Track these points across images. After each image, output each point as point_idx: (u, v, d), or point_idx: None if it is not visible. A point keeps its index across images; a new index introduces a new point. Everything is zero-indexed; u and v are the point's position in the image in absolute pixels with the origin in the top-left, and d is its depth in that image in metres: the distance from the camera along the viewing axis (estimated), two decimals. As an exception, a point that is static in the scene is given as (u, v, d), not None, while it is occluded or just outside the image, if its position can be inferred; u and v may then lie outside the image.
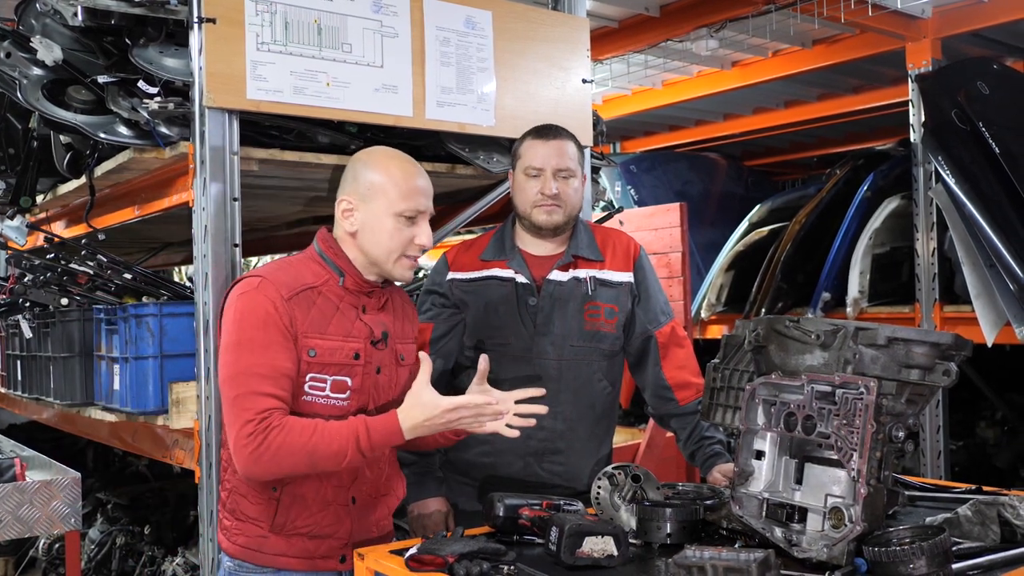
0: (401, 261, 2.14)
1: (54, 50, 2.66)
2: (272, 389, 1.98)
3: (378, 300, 2.20)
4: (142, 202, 2.98)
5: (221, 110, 2.46)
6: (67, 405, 3.16)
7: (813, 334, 1.92)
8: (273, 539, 2.11)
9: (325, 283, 2.12)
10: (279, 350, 2.00)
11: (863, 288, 4.59)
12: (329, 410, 2.07)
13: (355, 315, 2.14)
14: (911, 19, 4.48)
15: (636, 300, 2.68)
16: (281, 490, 2.09)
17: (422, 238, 2.13)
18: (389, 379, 2.18)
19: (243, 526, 2.13)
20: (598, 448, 2.68)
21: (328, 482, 2.10)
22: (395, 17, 2.72)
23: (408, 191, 2.12)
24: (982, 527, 1.97)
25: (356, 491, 2.15)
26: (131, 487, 4.45)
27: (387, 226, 2.11)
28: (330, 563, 2.14)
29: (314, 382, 2.05)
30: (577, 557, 1.85)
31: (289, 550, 2.11)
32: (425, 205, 2.14)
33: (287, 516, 2.10)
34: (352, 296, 2.15)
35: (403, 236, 2.11)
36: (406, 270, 2.16)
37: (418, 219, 2.13)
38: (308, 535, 2.11)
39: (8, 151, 3.40)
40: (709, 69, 5.54)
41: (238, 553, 2.14)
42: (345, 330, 2.11)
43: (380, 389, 2.16)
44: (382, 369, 2.16)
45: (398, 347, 2.22)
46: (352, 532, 2.16)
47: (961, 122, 4.20)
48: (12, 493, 2.55)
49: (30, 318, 3.23)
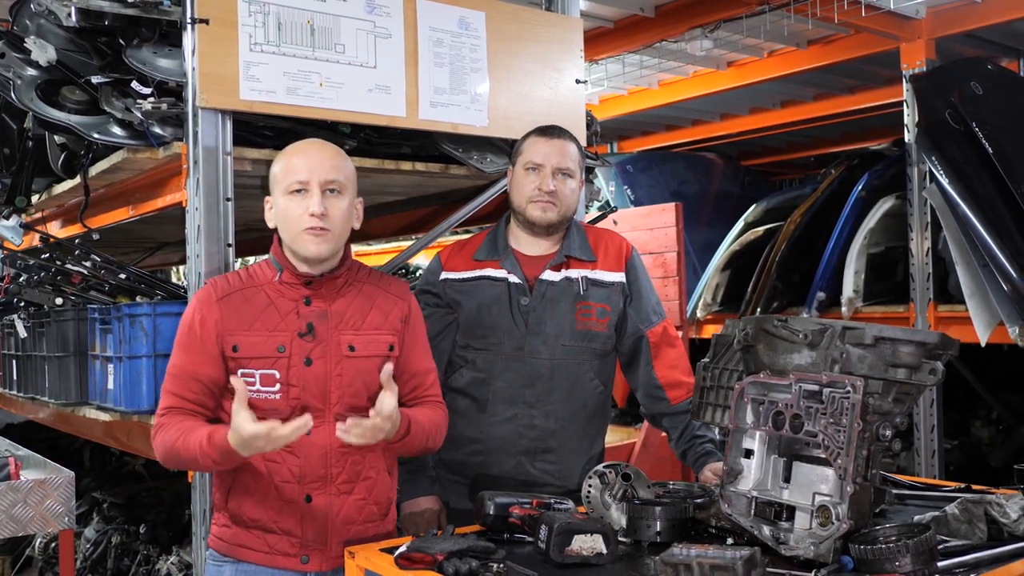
0: (302, 236, 2.12)
1: (48, 51, 2.68)
2: (177, 389, 2.11)
3: (331, 289, 2.19)
4: (136, 202, 2.98)
5: (214, 110, 2.47)
6: (62, 404, 3.17)
7: (801, 333, 1.93)
8: (235, 529, 2.16)
9: (267, 281, 2.18)
10: (194, 353, 2.11)
11: (858, 287, 4.60)
12: (265, 403, 2.10)
13: (293, 308, 2.16)
14: (905, 19, 4.50)
15: (628, 300, 2.69)
16: (232, 478, 2.15)
17: (312, 206, 2.10)
18: (327, 371, 2.14)
19: (216, 516, 2.22)
20: (590, 447, 2.69)
21: (272, 476, 2.12)
22: (388, 18, 2.73)
23: (289, 167, 2.14)
24: (969, 525, 1.99)
25: (309, 489, 2.13)
26: (127, 486, 4.46)
27: (283, 207, 2.14)
28: (291, 561, 2.14)
29: (245, 377, 2.09)
30: (566, 555, 1.86)
31: (249, 542, 2.15)
32: (307, 175, 2.11)
33: (238, 505, 2.15)
34: (291, 289, 2.17)
35: (296, 210, 2.11)
36: (310, 244, 2.12)
37: (306, 192, 2.12)
38: (264, 528, 2.14)
39: (3, 151, 3.41)
40: (705, 69, 5.56)
41: (211, 543, 2.23)
42: (273, 324, 2.14)
43: (316, 381, 2.13)
44: (314, 361, 2.13)
45: (348, 338, 2.18)
46: (315, 532, 2.14)
47: (955, 122, 4.21)
48: (6, 492, 2.56)
49: (25, 318, 3.24)
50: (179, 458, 2.06)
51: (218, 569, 2.18)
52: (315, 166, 2.13)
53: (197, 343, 2.11)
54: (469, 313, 2.64)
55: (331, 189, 2.13)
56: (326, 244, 2.13)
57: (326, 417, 2.13)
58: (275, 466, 2.12)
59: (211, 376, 2.11)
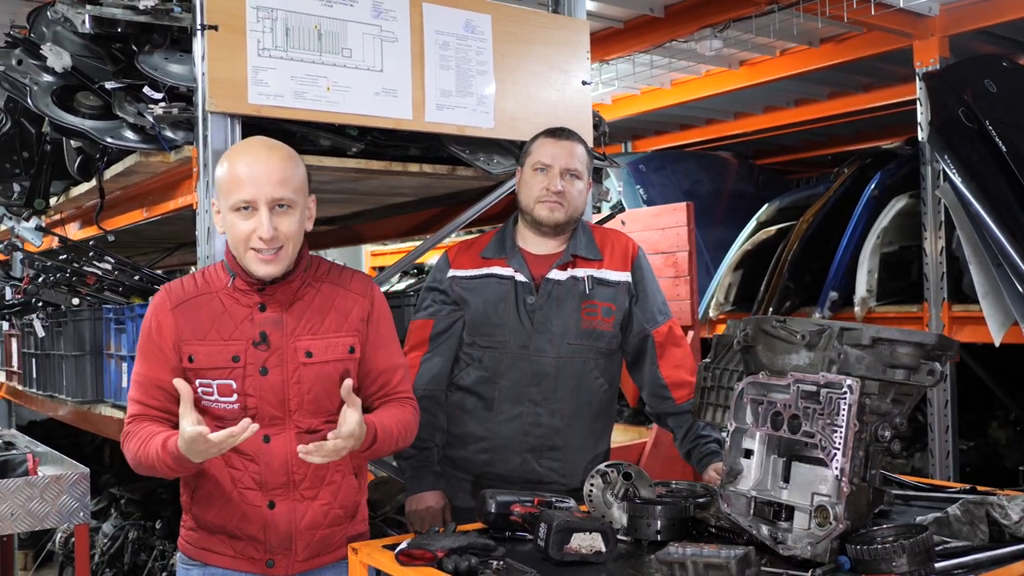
0: (249, 255, 2.03)
1: (63, 57, 2.73)
2: (141, 397, 2.09)
3: (286, 294, 2.11)
4: (150, 204, 3.04)
5: (223, 115, 2.51)
6: (79, 402, 3.23)
7: (799, 334, 1.94)
8: (200, 533, 2.17)
9: (221, 287, 2.12)
10: (154, 361, 2.08)
11: (871, 287, 4.58)
12: (224, 412, 2.07)
13: (247, 315, 2.10)
14: (918, 17, 4.48)
15: (634, 299, 2.71)
16: (195, 483, 2.14)
17: (261, 231, 1.99)
18: (284, 379, 2.09)
19: (184, 518, 2.22)
20: (595, 445, 2.71)
21: (235, 483, 2.11)
22: (394, 22, 2.77)
23: (233, 182, 2.01)
24: (971, 527, 1.99)
25: (272, 495, 2.11)
26: (144, 483, 4.53)
27: (230, 222, 2.04)
28: (257, 565, 2.13)
29: (202, 387, 2.07)
30: (565, 553, 1.88)
31: (215, 546, 2.14)
32: (252, 194, 1.99)
33: (202, 509, 2.14)
34: (245, 296, 2.11)
35: (241, 230, 2.01)
36: (259, 265, 2.03)
37: (253, 210, 2.01)
38: (228, 533, 2.13)
39: (23, 155, 3.47)
40: (717, 68, 5.56)
41: (180, 545, 2.23)
42: (228, 333, 2.08)
43: (272, 391, 2.08)
44: (270, 370, 2.08)
45: (305, 343, 2.11)
46: (279, 538, 2.12)
47: (968, 120, 4.19)
48: (23, 487, 2.62)
49: (43, 317, 3.31)
50: (143, 465, 2.03)
51: (187, 572, 2.19)
52: (261, 183, 1.99)
53: (156, 351, 2.08)
54: (476, 311, 2.66)
55: (281, 204, 2.02)
56: (276, 265, 2.05)
57: (286, 425, 2.10)
58: (237, 473, 2.10)
59: (170, 384, 2.03)
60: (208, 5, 2.48)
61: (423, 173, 2.99)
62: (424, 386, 2.62)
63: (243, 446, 2.02)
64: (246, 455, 2.08)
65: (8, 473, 2.84)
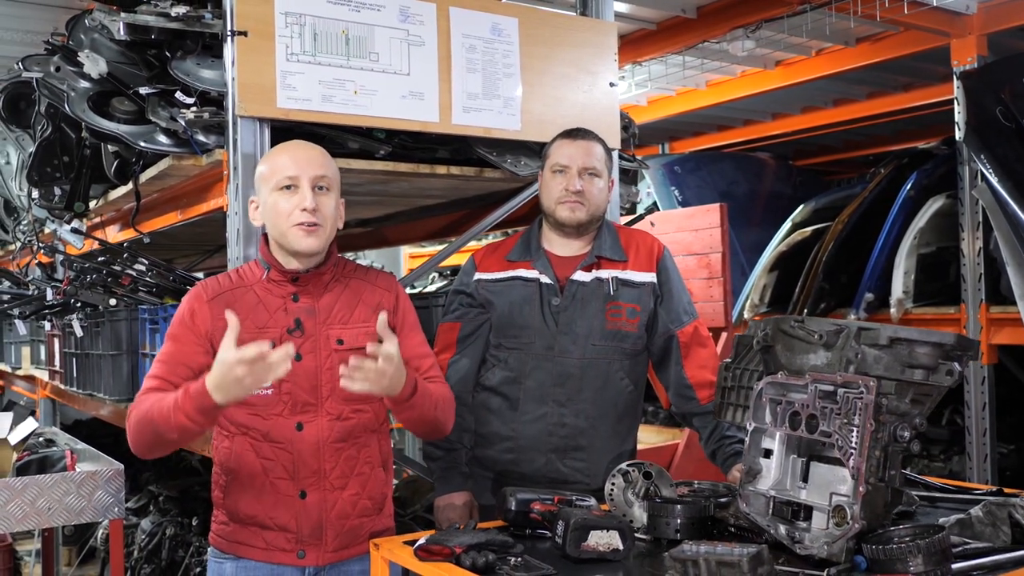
0: (293, 231, 2.14)
1: (99, 63, 2.81)
2: (163, 373, 2.11)
3: (317, 285, 2.22)
4: (185, 207, 3.10)
5: (252, 119, 2.56)
6: (116, 400, 3.31)
7: (816, 334, 1.94)
8: (233, 526, 2.22)
9: (256, 281, 2.22)
10: (184, 343, 2.13)
11: (907, 288, 4.53)
12: (258, 399, 2.14)
13: (281, 305, 2.20)
14: (955, 15, 4.42)
15: (659, 300, 2.71)
16: (227, 477, 2.20)
17: (304, 202, 2.13)
18: (317, 365, 2.18)
19: (216, 513, 2.27)
20: (620, 445, 2.72)
21: (267, 472, 2.17)
22: (421, 26, 2.80)
23: (277, 165, 2.17)
24: (993, 528, 1.97)
25: (304, 484, 2.17)
26: (181, 480, 4.62)
27: (272, 203, 2.16)
28: (288, 556, 2.18)
29: None
30: (582, 550, 1.89)
31: (247, 538, 2.20)
32: (295, 171, 2.14)
33: (234, 502, 2.20)
34: (279, 287, 2.21)
35: (283, 207, 2.14)
36: (302, 239, 2.14)
37: (296, 188, 2.14)
38: (261, 525, 2.18)
39: (63, 159, 3.56)
40: (753, 69, 5.53)
41: (212, 539, 2.28)
42: (262, 321, 2.17)
43: (306, 376, 2.17)
44: (304, 356, 2.17)
45: (336, 332, 2.21)
46: (310, 528, 2.18)
47: (1005, 120, 4.12)
48: (60, 483, 2.69)
49: (81, 318, 3.39)
50: (151, 425, 2.01)
51: (219, 565, 2.24)
52: (303, 163, 2.16)
53: (188, 334, 2.15)
54: (501, 313, 2.69)
55: (320, 186, 2.16)
56: (317, 239, 2.15)
57: (319, 412, 2.18)
58: (269, 463, 2.17)
59: (201, 364, 2.11)
60: (238, 11, 2.53)
61: (450, 175, 3.02)
62: (452, 388, 2.65)
63: (276, 434, 2.14)
64: (278, 443, 2.15)
65: (47, 469, 2.94)
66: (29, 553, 5.09)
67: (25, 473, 2.89)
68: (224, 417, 2.19)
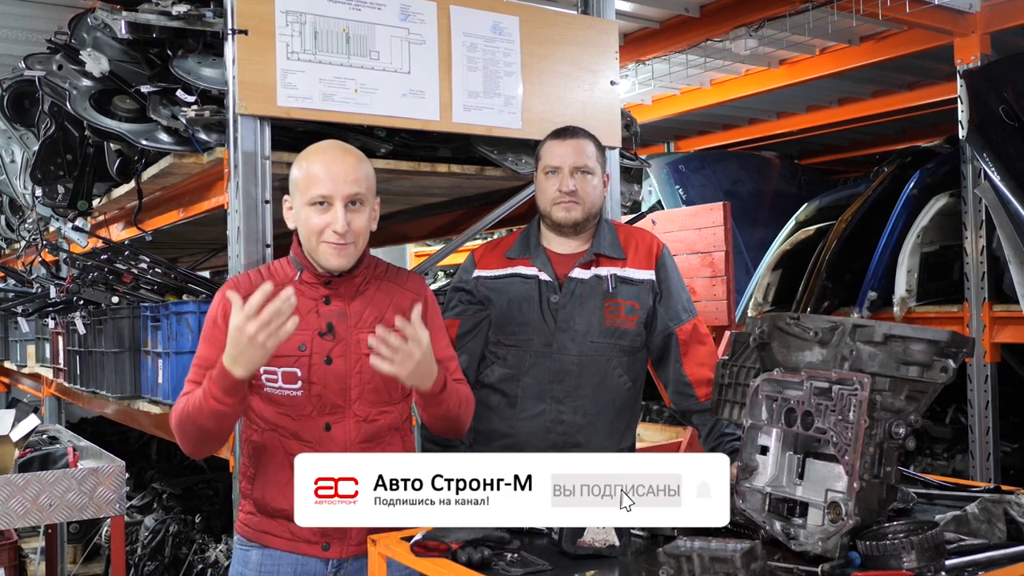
0: (324, 248, 2.15)
1: (101, 62, 2.82)
2: (197, 377, 2.13)
3: (349, 288, 2.23)
4: (186, 205, 3.12)
5: (252, 117, 2.58)
6: (119, 398, 3.33)
7: (812, 331, 1.95)
8: (260, 517, 2.25)
9: (287, 280, 2.20)
10: (219, 346, 2.09)
11: (911, 287, 4.52)
12: (287, 400, 2.17)
13: (313, 307, 2.20)
14: (959, 14, 4.41)
15: (658, 298, 2.72)
16: (256, 470, 2.23)
17: (335, 224, 2.12)
18: (347, 369, 2.20)
19: (243, 503, 2.30)
20: (618, 442, 2.72)
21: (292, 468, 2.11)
22: (422, 24, 2.81)
23: (311, 179, 2.14)
24: (988, 525, 1.97)
25: None
26: (184, 478, 4.64)
27: (304, 216, 2.16)
28: (313, 548, 2.22)
29: (267, 374, 2.16)
30: (579, 546, 1.90)
31: (273, 529, 2.23)
32: (328, 190, 2.12)
33: (262, 494, 2.23)
34: (311, 288, 2.22)
35: (315, 223, 2.13)
36: (329, 257, 2.15)
37: (329, 205, 2.13)
38: (287, 517, 2.17)
39: (67, 157, 3.58)
40: (756, 68, 5.53)
41: (239, 529, 2.31)
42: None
43: (336, 379, 2.19)
44: (334, 359, 2.19)
45: (367, 335, 2.17)
46: None
47: (1008, 118, 4.12)
48: (62, 479, 2.72)
49: (84, 315, 3.41)
50: (190, 420, 2.06)
51: (245, 554, 2.28)
52: (338, 180, 2.13)
53: (221, 336, 2.13)
54: (500, 310, 2.70)
55: (353, 202, 2.15)
56: (347, 257, 2.16)
57: (346, 413, 2.20)
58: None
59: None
60: (239, 10, 2.55)
61: (452, 173, 3.03)
62: None
63: (305, 433, 2.17)
64: (307, 442, 2.17)
65: (49, 465, 2.95)
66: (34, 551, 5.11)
67: (27, 470, 2.91)
68: (254, 412, 2.21)
